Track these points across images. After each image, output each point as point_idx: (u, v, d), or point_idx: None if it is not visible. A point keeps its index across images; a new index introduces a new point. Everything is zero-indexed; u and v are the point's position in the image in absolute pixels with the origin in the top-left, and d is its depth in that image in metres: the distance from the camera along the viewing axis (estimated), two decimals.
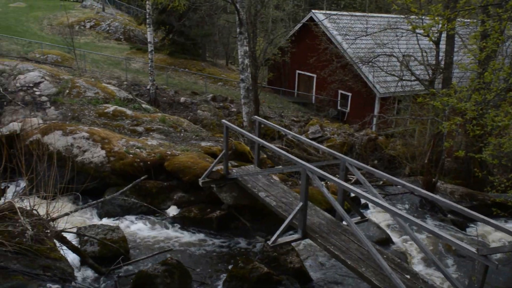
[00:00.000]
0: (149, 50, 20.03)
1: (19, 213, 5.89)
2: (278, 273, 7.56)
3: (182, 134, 12.40)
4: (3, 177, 6.65)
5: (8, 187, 8.08)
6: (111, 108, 12.89)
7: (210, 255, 8.33)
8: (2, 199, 6.87)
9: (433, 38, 12.85)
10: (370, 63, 18.42)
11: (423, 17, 12.96)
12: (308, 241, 8.50)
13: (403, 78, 17.02)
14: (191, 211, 9.31)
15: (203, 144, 11.55)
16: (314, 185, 9.55)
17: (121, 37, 34.63)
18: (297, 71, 28.63)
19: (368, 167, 7.19)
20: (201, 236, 8.94)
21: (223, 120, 9.04)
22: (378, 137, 18.95)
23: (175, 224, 9.20)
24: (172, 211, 9.52)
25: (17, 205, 6.21)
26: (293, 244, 8.24)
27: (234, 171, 9.22)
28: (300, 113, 24.27)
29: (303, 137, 8.98)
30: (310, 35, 25.02)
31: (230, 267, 7.66)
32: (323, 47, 21.98)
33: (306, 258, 8.52)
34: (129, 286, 6.92)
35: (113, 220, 9.08)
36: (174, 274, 6.89)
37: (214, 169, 8.97)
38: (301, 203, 6.74)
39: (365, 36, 18.12)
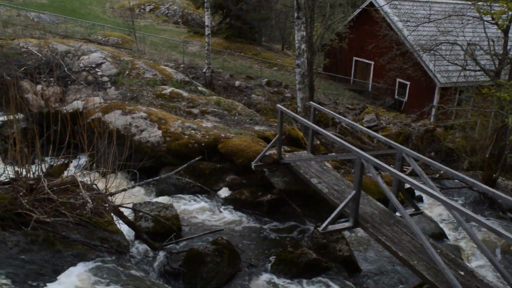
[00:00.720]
0: (206, 33, 20.23)
1: (81, 187, 6.17)
2: (326, 260, 7.52)
3: (236, 118, 12.51)
4: (67, 152, 6.98)
5: (71, 161, 8.49)
6: (168, 89, 13.19)
7: (259, 237, 8.41)
8: (65, 172, 7.23)
9: (502, 26, 12.13)
10: (431, 51, 17.69)
11: (492, 3, 12.25)
12: (358, 230, 8.39)
13: (467, 68, 16.23)
14: (242, 194, 9.42)
15: (256, 128, 11.60)
16: (367, 174, 9.37)
17: (179, 20, 35.22)
18: (354, 58, 28.00)
19: (426, 158, 6.95)
20: (251, 218, 9.03)
21: (278, 105, 9.02)
22: (436, 129, 18.25)
23: (226, 206, 9.34)
24: (224, 192, 9.67)
25: (79, 179, 6.52)
26: (343, 232, 8.15)
27: (287, 156, 9.20)
28: (355, 100, 23.81)
29: (358, 125, 8.81)
30: (369, 21, 24.33)
31: (278, 251, 7.70)
32: (383, 33, 21.32)
33: (355, 248, 8.42)
34: (180, 262, 7.13)
35: (167, 198, 9.35)
36: (223, 254, 7.01)
37: (267, 153, 9.00)
38: (354, 191, 6.64)
39: (428, 22, 17.38)
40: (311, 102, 9.21)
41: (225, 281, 6.90)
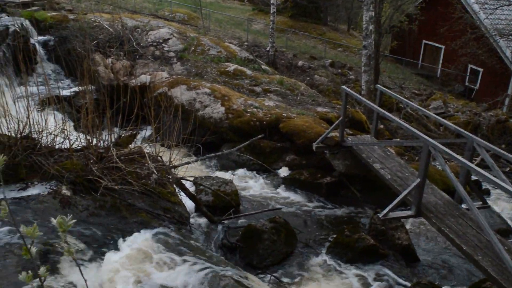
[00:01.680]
0: (271, 12, 20.06)
1: (147, 158, 6.38)
2: (384, 247, 7.37)
3: (298, 98, 12.40)
4: (134, 124, 7.24)
5: (138, 133, 8.82)
6: (232, 67, 13.28)
7: (316, 219, 8.37)
8: (133, 143, 7.51)
9: None
10: (510, 36, 16.56)
11: None
12: (419, 220, 8.13)
13: None
14: (301, 174, 9.39)
15: (318, 109, 11.45)
16: (432, 163, 9.02)
17: None
18: (424, 41, 26.79)
19: (499, 149, 6.57)
20: (310, 199, 9.00)
21: (343, 87, 8.83)
22: (508, 120, 17.19)
23: (285, 185, 9.36)
24: (283, 172, 9.68)
25: (145, 150, 6.76)
26: (403, 220, 7.94)
27: (349, 139, 9.04)
28: (422, 86, 22.85)
29: (427, 111, 8.46)
30: (442, 2, 23.10)
31: (335, 234, 7.64)
32: (457, 16, 20.18)
33: (414, 237, 8.18)
34: (238, 237, 7.26)
35: (227, 174, 9.50)
36: (280, 232, 7.06)
37: (329, 135, 8.88)
38: (418, 179, 6.41)
39: (508, 5, 16.25)
40: (378, 85, 8.94)
41: (281, 259, 6.96)
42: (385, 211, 6.51)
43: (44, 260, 5.16)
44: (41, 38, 13.66)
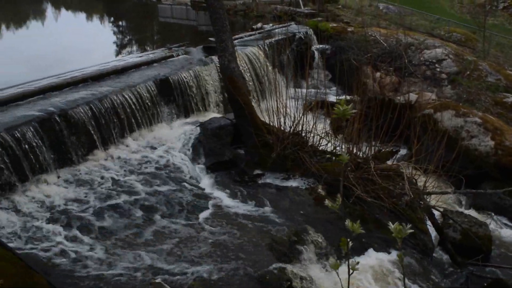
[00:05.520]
0: None
1: (405, 178, 6.26)
2: None
3: None
4: (397, 141, 7.21)
5: (399, 151, 8.74)
6: (510, 98, 11.86)
7: None
8: (391, 160, 7.49)
9: None
10: None
11: None
12: None
13: None
14: None
15: None
16: None
17: None
18: None
19: None
20: None
21: None
22: None
23: None
24: None
25: (404, 170, 6.64)
26: None
27: None
28: None
29: None
30: None
31: None
32: None
33: None
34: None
35: (482, 215, 8.58)
36: None
37: None
38: None
39: None
40: None
41: None
42: None
43: (292, 250, 5.62)
44: (320, 46, 14.86)
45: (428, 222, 7.15)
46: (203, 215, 6.23)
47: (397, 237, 1.55)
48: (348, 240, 1.70)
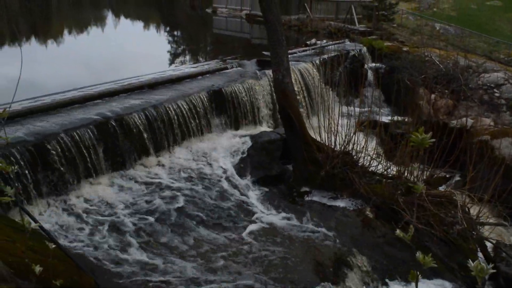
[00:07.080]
0: None
1: (458, 205, 6.04)
2: None
3: None
4: (452, 167, 6.97)
5: (453, 177, 8.45)
6: None
7: None
8: (443, 186, 7.24)
9: None
10: None
11: None
12: None
13: None
14: None
15: None
16: None
17: None
18: None
19: None
20: None
21: None
22: None
23: None
24: None
25: (456, 198, 6.41)
26: None
27: None
28: None
29: None
30: None
31: None
32: None
33: None
34: None
35: None
36: None
37: None
38: None
39: None
40: None
41: None
42: None
43: (336, 272, 5.52)
44: (374, 64, 14.65)
45: (480, 254, 6.84)
46: (248, 228, 6.24)
47: (478, 276, 1.47)
48: (417, 273, 1.64)
